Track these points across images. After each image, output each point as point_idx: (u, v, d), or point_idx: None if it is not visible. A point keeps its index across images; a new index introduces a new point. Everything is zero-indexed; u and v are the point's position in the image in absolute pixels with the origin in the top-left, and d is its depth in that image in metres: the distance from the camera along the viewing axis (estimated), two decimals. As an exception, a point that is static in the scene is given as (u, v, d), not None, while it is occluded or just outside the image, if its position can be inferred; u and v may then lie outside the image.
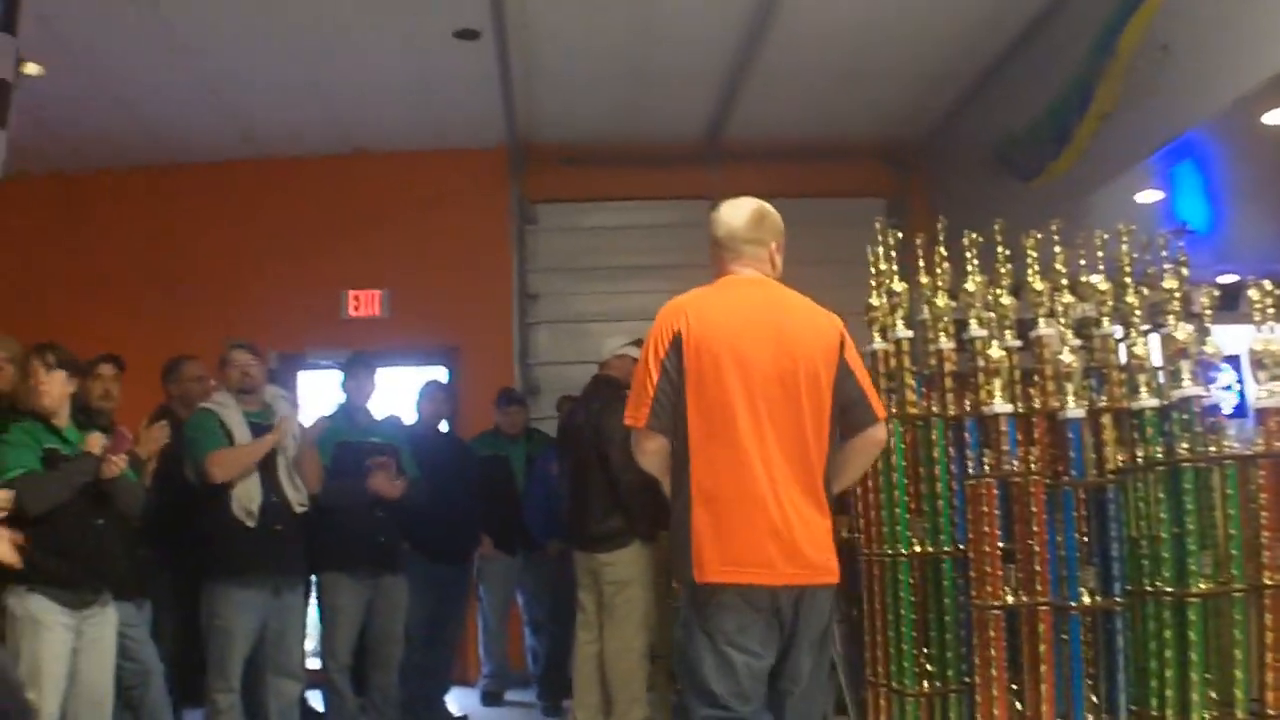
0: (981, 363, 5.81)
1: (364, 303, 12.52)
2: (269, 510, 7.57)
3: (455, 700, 10.06)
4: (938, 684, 5.79)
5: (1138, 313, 5.88)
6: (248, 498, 7.49)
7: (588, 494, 7.81)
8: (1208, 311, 5.66)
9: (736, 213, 5.02)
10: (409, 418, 9.76)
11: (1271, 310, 5.50)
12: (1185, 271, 5.84)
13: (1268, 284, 5.53)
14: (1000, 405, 5.60)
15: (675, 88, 11.42)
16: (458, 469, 9.67)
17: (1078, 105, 8.94)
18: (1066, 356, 5.62)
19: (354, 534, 8.26)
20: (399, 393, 10.52)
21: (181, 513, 7.54)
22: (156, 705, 7.07)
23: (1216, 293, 5.78)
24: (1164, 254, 6.04)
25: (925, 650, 5.83)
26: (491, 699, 10.78)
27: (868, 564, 6.15)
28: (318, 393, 11.16)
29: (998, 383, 5.64)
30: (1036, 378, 5.91)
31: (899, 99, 11.70)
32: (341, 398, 8.86)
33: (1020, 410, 5.80)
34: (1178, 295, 5.68)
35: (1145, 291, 5.95)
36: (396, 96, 11.44)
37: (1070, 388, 5.57)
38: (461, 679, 10.96)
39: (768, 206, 5.08)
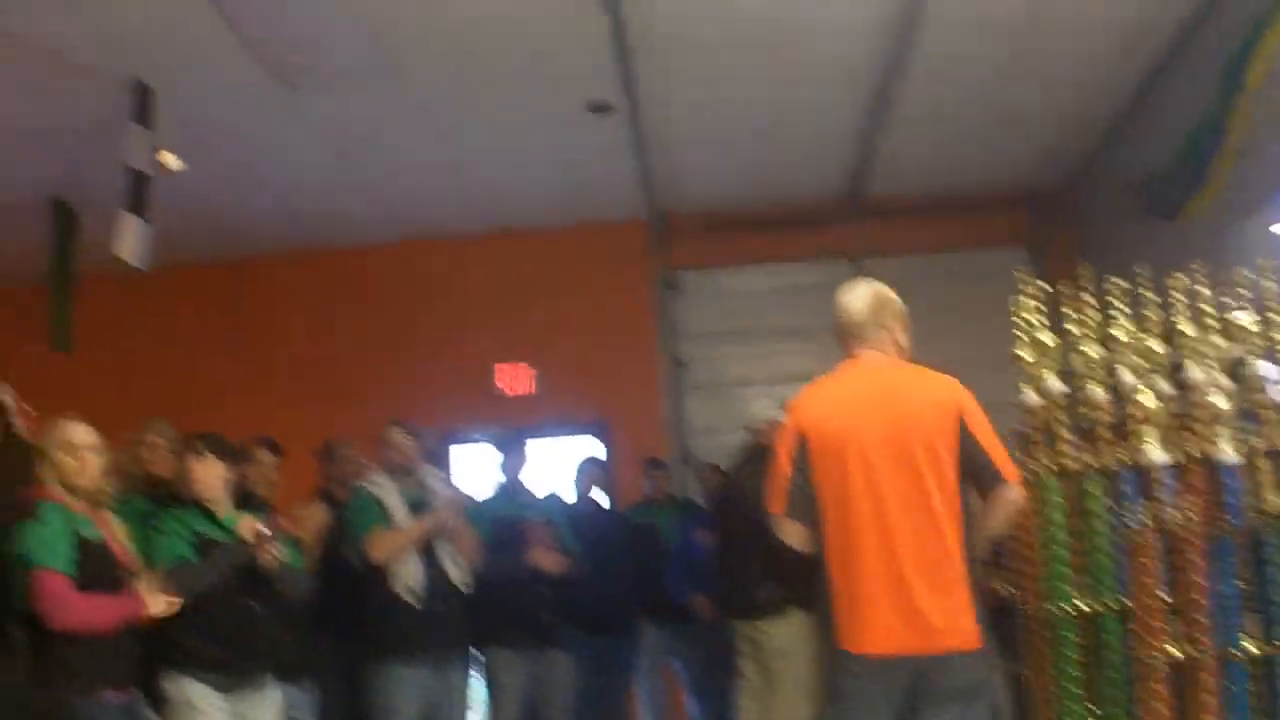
0: (1134, 411, 5.76)
1: (514, 378, 12.71)
2: (431, 587, 7.67)
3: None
4: (1106, 740, 5.73)
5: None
6: (410, 575, 7.60)
7: (742, 561, 7.81)
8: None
9: (855, 300, 5.35)
10: (567, 493, 9.87)
11: None
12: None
13: None
14: (1155, 454, 5.55)
15: (812, 148, 11.49)
16: (618, 542, 9.74)
17: (1212, 141, 8.84)
18: (1217, 400, 5.56)
19: (517, 609, 8.37)
20: (554, 466, 10.61)
21: (345, 592, 7.66)
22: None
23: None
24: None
25: (1091, 706, 5.76)
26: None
27: (1029, 622, 6.11)
28: (471, 468, 11.28)
29: (1151, 431, 5.58)
30: (1191, 423, 5.84)
31: (1036, 145, 11.64)
32: (499, 475, 8.98)
33: (1177, 458, 5.74)
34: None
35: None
36: (535, 172, 11.65)
37: (1223, 432, 5.49)
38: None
39: (884, 291, 5.39)
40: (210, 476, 6.53)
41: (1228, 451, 5.47)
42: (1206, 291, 6.10)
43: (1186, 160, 9.10)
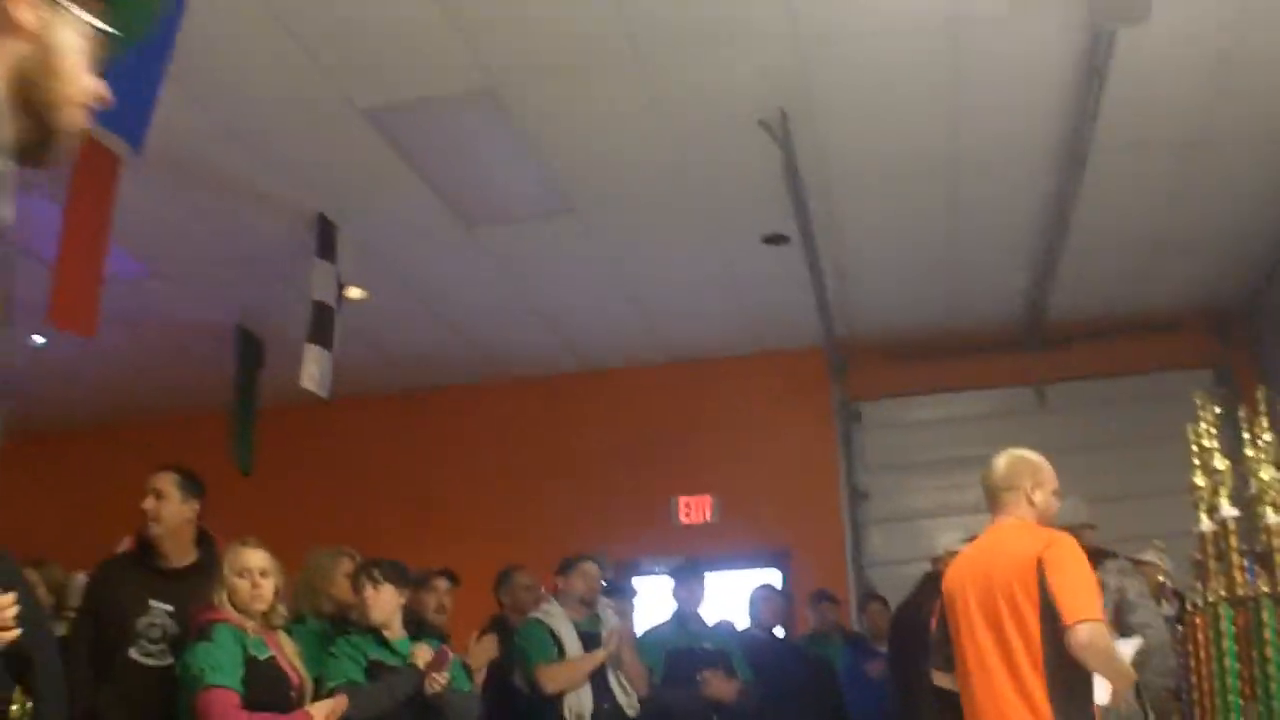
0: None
1: (694, 508, 12.78)
2: (600, 714, 7.74)
3: None
4: None
5: None
6: (579, 704, 7.68)
7: (918, 695, 7.76)
8: None
9: (992, 469, 5.84)
10: (742, 622, 9.88)
11: None
12: None
13: None
14: (1323, 580, 5.44)
15: (988, 275, 11.50)
16: (793, 673, 9.70)
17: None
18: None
19: (690, 739, 8.39)
20: (732, 597, 10.63)
21: (514, 718, 7.74)
22: None
23: None
24: None
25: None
26: None
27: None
28: (651, 598, 11.35)
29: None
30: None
31: (1215, 264, 11.51)
32: (673, 605, 9.04)
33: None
34: None
35: None
36: (712, 304, 11.84)
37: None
38: None
39: (1019, 453, 5.86)
40: (384, 603, 6.66)
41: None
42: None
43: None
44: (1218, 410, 6.39)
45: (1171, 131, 9.04)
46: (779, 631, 10.32)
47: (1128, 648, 5.76)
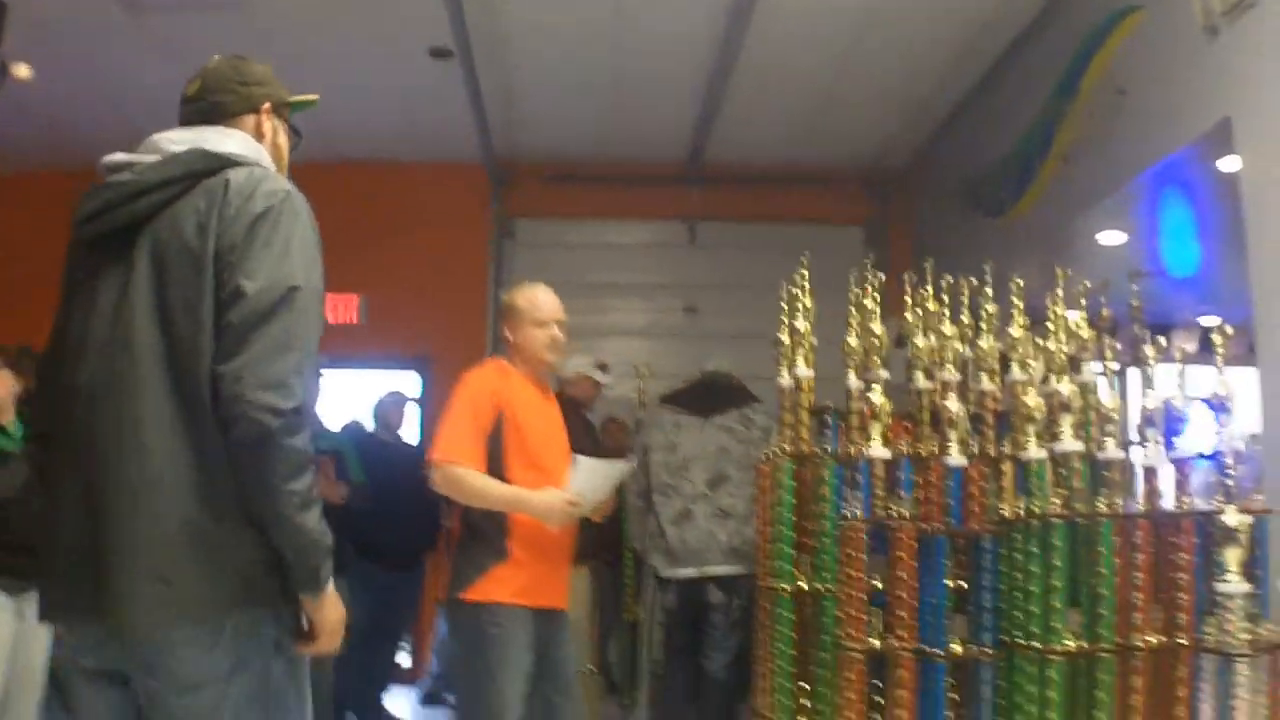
0: (861, 406, 5.59)
1: (340, 308, 12.33)
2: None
3: (398, 699, 9.94)
4: (813, 720, 5.55)
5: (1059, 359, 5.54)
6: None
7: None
8: (1111, 362, 5.43)
9: None
10: (368, 425, 9.67)
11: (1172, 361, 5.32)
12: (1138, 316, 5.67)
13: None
14: (877, 449, 5.37)
15: (651, 108, 11.31)
16: (409, 475, 9.51)
17: (1040, 145, 8.79)
18: (952, 405, 5.38)
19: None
20: (365, 398, 10.36)
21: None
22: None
23: (1119, 345, 5.54)
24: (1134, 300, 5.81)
25: (803, 685, 5.58)
26: (430, 699, 10.56)
27: (759, 596, 5.99)
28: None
29: (876, 426, 5.40)
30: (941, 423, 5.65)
31: (876, 127, 11.55)
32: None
33: (914, 454, 5.57)
34: (1097, 344, 5.52)
35: (1065, 338, 5.62)
36: (379, 109, 11.32)
37: (954, 435, 5.32)
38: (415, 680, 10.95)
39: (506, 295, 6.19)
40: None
41: (953, 452, 5.30)
42: (989, 292, 5.92)
43: (1016, 160, 9.06)
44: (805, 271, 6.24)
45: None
46: (410, 435, 10.16)
47: (607, 467, 5.67)
